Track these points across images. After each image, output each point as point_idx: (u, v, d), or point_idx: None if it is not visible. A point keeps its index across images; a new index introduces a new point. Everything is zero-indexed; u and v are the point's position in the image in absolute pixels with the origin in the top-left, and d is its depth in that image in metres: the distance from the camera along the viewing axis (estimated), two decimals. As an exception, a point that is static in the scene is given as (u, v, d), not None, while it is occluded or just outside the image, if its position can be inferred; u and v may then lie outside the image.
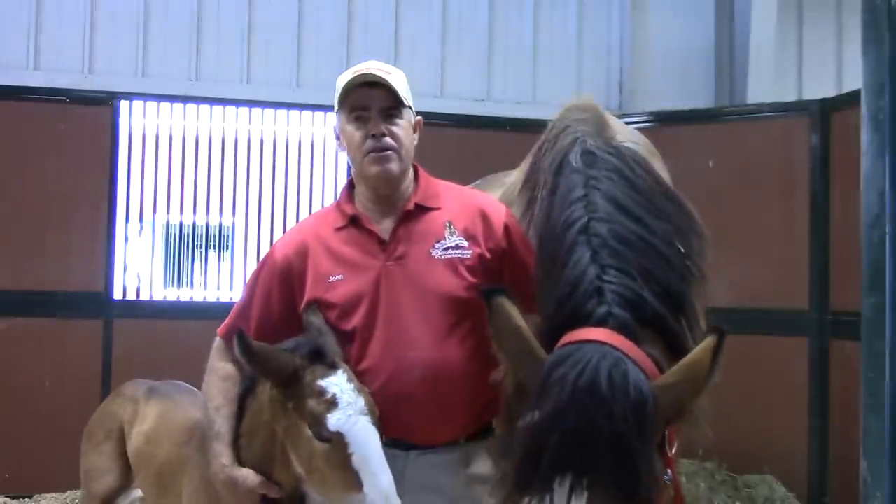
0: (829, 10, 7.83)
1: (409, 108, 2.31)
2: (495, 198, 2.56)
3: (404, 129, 2.27)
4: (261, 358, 2.02)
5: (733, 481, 5.50)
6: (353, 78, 2.25)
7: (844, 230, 5.21)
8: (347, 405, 1.97)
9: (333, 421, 1.94)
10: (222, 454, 2.14)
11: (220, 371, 2.27)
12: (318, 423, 1.95)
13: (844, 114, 5.32)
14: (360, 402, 2.00)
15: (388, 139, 2.23)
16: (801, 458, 5.44)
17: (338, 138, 2.35)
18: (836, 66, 7.76)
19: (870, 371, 1.57)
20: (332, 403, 1.96)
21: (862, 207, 1.61)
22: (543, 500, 1.65)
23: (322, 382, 1.99)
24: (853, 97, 5.16)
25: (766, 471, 5.55)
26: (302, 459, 2.01)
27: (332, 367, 2.03)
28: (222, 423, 2.18)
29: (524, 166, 2.70)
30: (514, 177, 2.89)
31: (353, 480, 1.91)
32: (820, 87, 7.12)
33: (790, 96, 7.09)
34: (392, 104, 2.24)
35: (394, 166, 2.24)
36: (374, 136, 2.22)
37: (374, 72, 2.23)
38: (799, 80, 7.69)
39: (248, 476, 2.10)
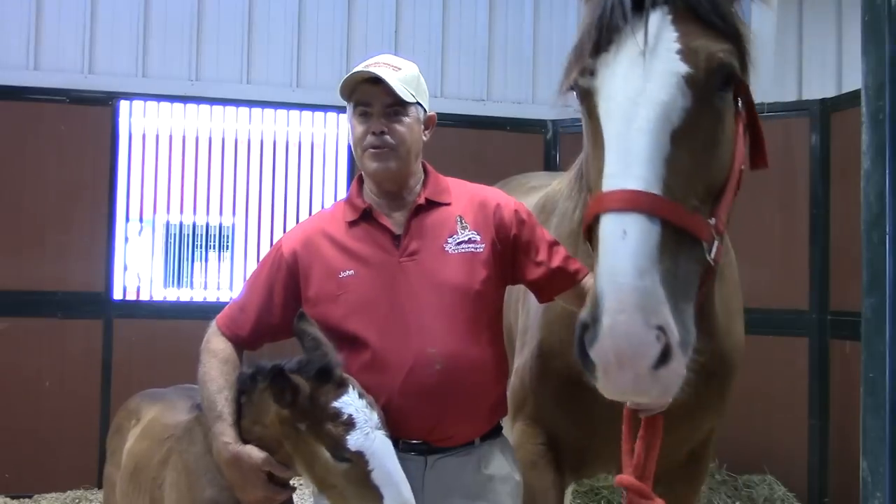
0: (829, 10, 7.81)
1: (417, 104, 2.30)
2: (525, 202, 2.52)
3: (408, 126, 2.27)
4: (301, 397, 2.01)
5: (733, 481, 5.50)
6: (354, 74, 2.25)
7: (844, 230, 5.21)
8: (364, 423, 1.98)
9: (353, 441, 1.96)
10: (224, 433, 2.10)
11: (220, 354, 2.25)
12: (337, 446, 1.96)
13: (844, 114, 5.32)
14: (374, 417, 2.01)
15: (387, 137, 2.23)
16: (801, 458, 5.44)
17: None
18: (836, 66, 7.75)
19: (870, 371, 1.57)
20: (350, 424, 1.97)
21: (862, 207, 1.61)
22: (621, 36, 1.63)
23: (337, 404, 1.99)
24: (853, 97, 5.16)
25: (766, 471, 5.54)
26: (316, 477, 2.02)
27: (342, 385, 2.03)
28: (224, 405, 2.15)
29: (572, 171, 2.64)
30: (557, 182, 2.84)
31: (373, 495, 1.93)
32: (820, 87, 7.11)
33: (790, 96, 7.08)
34: (394, 101, 2.24)
35: (391, 164, 2.26)
36: (373, 133, 2.23)
37: (373, 69, 2.23)
38: (799, 80, 7.67)
39: (253, 452, 2.07)
